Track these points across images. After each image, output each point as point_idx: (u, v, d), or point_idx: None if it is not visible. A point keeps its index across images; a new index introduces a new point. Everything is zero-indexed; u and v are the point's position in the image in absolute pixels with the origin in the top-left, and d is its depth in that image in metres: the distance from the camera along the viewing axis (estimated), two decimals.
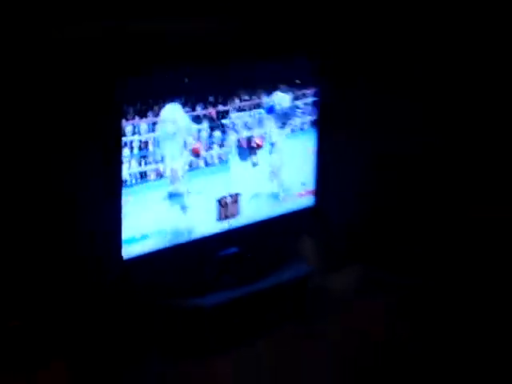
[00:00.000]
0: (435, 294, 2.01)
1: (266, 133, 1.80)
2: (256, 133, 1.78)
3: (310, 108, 1.91)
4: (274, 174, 1.85)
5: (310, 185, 1.96)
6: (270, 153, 1.83)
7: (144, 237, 1.56)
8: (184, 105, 1.57)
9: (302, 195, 1.95)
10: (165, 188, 1.58)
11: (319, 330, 1.82)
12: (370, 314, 1.91)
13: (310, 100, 1.90)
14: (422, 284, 2.04)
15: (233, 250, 1.78)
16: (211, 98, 1.64)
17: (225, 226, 1.75)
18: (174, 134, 1.57)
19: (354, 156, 2.14)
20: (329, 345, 1.75)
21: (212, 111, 1.65)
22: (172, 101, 1.54)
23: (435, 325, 1.89)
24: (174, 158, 1.58)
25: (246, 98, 1.73)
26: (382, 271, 2.14)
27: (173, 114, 1.56)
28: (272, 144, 1.83)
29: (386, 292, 2.02)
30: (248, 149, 1.78)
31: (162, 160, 1.56)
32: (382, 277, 2.11)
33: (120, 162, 1.46)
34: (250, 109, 1.75)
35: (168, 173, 1.58)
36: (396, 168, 2.18)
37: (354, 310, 1.94)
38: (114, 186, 1.47)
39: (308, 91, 1.89)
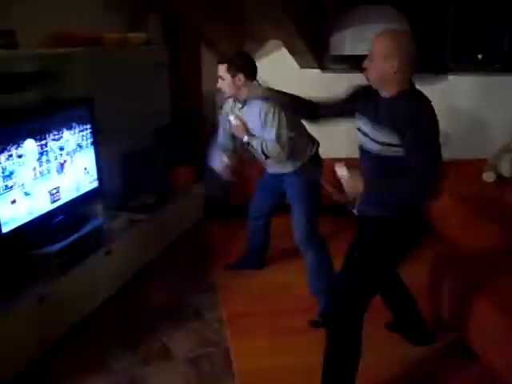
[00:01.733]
0: None
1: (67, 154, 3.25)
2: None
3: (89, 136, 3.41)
4: (80, 172, 3.33)
5: (95, 175, 3.49)
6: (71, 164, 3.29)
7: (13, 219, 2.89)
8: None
9: (91, 182, 3.48)
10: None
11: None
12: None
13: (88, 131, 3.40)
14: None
15: (60, 217, 3.24)
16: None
17: (54, 205, 3.19)
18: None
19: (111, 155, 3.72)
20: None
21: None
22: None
23: None
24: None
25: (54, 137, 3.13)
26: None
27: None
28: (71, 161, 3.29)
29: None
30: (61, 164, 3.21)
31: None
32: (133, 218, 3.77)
33: None
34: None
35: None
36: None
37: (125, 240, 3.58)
38: None
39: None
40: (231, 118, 3.24)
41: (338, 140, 4.13)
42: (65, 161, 3.23)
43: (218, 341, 3.03)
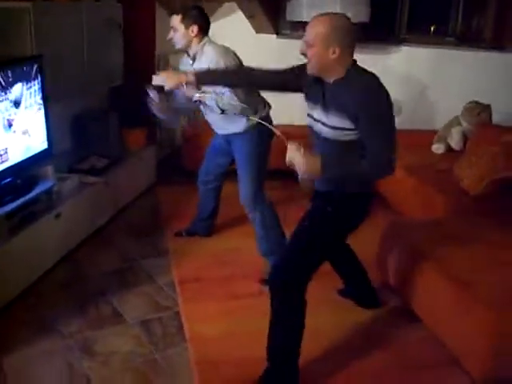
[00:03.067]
0: None
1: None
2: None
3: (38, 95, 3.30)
4: (28, 132, 3.23)
5: (44, 136, 3.40)
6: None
7: None
8: None
9: (41, 143, 3.38)
10: None
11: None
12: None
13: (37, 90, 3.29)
14: None
15: (8, 179, 3.15)
16: None
17: (2, 166, 3.09)
18: None
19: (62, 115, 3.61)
20: None
21: None
22: None
23: None
24: None
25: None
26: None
27: None
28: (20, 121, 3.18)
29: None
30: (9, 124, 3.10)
31: None
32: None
33: None
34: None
35: None
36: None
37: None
38: None
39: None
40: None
41: (290, 105, 4.10)
42: (12, 120, 3.11)
43: (169, 305, 3.04)
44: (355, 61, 2.25)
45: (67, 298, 3.07)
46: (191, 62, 3.20)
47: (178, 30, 3.10)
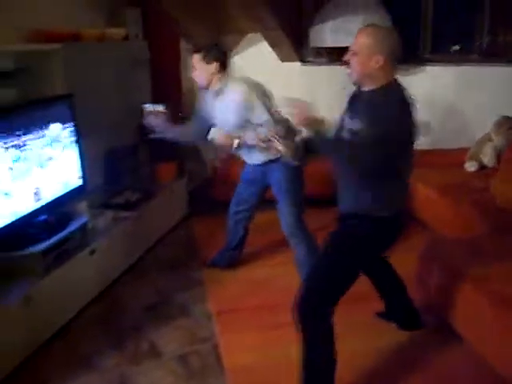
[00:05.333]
0: None
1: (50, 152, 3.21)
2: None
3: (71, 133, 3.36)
4: (63, 170, 3.29)
5: (79, 173, 3.45)
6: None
7: None
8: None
9: (75, 180, 3.43)
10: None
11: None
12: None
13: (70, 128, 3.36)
14: None
15: (44, 216, 3.19)
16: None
17: (38, 204, 3.13)
18: None
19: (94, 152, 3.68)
20: None
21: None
22: None
23: None
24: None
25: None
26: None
27: None
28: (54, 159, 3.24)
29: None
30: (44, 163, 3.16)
31: None
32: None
33: None
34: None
35: None
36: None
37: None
38: None
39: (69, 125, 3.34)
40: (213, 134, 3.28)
41: None
42: (48, 159, 3.17)
43: (206, 337, 3.01)
44: (396, 79, 2.29)
45: (104, 333, 3.07)
46: (214, 98, 3.24)
47: (199, 69, 3.16)
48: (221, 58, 3.15)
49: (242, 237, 3.73)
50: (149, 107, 3.40)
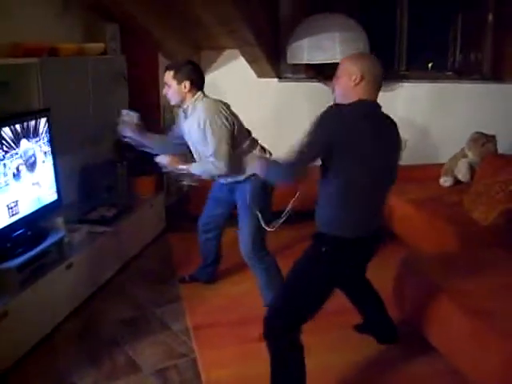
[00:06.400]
0: None
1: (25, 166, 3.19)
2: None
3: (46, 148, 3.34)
4: (38, 184, 3.26)
5: (54, 188, 3.42)
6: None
7: None
8: None
9: (50, 195, 3.40)
10: None
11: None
12: None
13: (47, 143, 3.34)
14: None
15: (19, 231, 3.15)
16: None
17: (13, 219, 3.10)
18: None
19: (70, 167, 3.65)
20: None
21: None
22: None
23: None
24: None
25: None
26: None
27: None
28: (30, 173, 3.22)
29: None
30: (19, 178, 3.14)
31: None
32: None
33: None
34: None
35: None
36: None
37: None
38: None
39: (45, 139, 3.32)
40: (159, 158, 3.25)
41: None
42: (22, 173, 3.14)
43: (184, 352, 2.99)
44: (375, 102, 2.35)
45: (81, 349, 3.04)
46: (184, 117, 3.21)
47: (171, 86, 3.10)
48: (192, 77, 3.08)
49: (216, 253, 3.70)
50: (126, 114, 3.35)
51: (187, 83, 3.07)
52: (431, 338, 2.81)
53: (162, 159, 3.23)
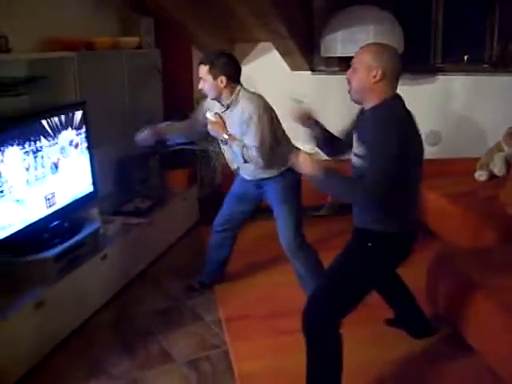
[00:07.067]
0: None
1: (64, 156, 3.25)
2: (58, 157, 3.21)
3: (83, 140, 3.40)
4: (73, 176, 3.32)
5: (90, 180, 3.48)
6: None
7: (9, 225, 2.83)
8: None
9: (86, 187, 3.46)
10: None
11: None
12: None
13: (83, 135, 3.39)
14: None
15: (56, 222, 3.22)
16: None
17: (50, 210, 3.16)
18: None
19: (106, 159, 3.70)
20: None
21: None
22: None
23: None
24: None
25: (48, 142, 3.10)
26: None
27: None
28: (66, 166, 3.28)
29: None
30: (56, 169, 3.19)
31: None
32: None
33: None
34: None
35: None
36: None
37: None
38: None
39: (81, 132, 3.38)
40: (208, 114, 3.09)
41: None
42: (59, 166, 3.20)
43: (217, 343, 3.02)
44: (398, 96, 2.28)
45: (115, 338, 3.09)
46: (223, 109, 3.09)
47: (207, 81, 2.99)
48: (228, 71, 2.97)
49: (228, 254, 3.59)
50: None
51: (223, 78, 2.96)
52: (466, 335, 2.78)
53: (211, 117, 3.09)
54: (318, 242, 3.62)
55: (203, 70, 3.00)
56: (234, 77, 3.02)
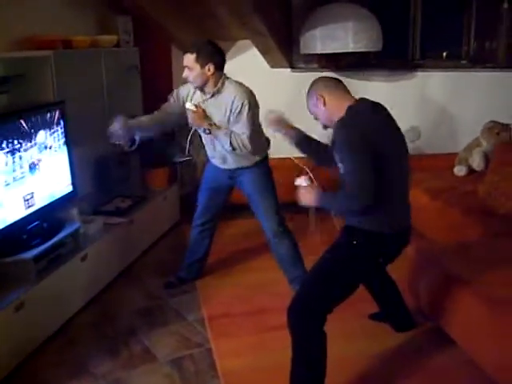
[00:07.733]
0: None
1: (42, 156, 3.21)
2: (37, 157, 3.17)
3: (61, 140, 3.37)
4: (51, 176, 3.28)
5: (69, 179, 3.45)
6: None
7: None
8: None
9: (65, 187, 3.43)
10: None
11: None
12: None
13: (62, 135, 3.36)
14: None
15: (35, 222, 3.18)
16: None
17: (29, 211, 3.13)
18: None
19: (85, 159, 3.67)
20: None
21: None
22: None
23: None
24: None
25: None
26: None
27: None
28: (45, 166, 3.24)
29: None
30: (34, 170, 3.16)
31: None
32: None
33: None
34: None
35: None
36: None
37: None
38: None
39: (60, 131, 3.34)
40: (188, 105, 3.13)
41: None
42: (38, 166, 3.17)
43: (200, 342, 3.01)
44: (362, 99, 2.37)
45: (97, 338, 3.07)
46: (206, 97, 3.11)
47: (194, 69, 2.99)
48: (216, 59, 3.00)
49: (208, 247, 3.63)
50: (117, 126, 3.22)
51: (211, 66, 2.98)
52: (447, 328, 2.80)
53: (191, 107, 3.12)
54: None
55: (189, 59, 3.00)
56: (220, 65, 3.07)
